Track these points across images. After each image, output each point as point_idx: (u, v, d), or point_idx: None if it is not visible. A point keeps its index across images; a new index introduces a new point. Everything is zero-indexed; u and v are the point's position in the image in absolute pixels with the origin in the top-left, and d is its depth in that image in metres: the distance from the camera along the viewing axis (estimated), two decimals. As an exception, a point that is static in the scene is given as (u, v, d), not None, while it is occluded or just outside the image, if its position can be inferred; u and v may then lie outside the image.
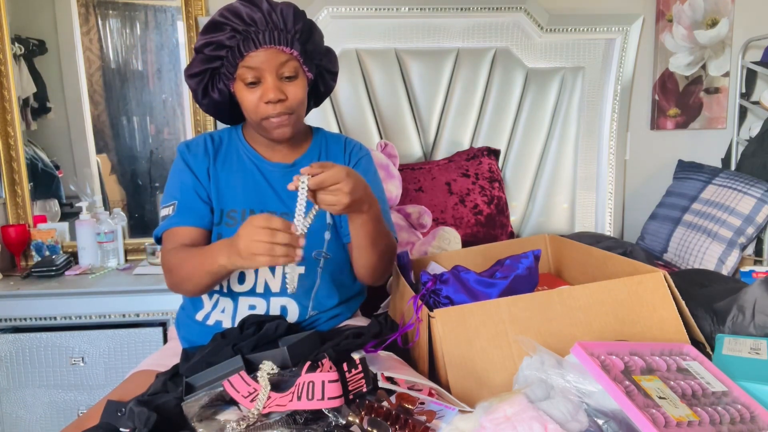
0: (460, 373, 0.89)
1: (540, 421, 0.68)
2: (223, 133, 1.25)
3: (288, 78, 1.11)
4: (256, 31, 1.07)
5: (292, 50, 1.09)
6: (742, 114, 2.37)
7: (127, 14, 2.24)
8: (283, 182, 1.19)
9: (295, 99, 1.11)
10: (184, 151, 1.21)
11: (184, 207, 1.15)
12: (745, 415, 0.77)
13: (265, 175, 1.20)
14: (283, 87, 1.10)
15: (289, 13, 1.10)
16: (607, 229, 2.32)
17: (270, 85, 1.08)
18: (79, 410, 1.84)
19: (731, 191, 2.00)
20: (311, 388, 0.76)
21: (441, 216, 1.96)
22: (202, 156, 1.19)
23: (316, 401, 0.75)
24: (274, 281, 1.15)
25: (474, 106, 2.18)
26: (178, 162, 1.20)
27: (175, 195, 1.17)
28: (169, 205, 1.16)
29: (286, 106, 1.10)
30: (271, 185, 1.19)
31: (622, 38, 2.20)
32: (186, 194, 1.16)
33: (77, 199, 2.19)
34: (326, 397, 0.75)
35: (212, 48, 1.09)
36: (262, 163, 1.20)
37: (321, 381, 0.76)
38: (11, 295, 1.82)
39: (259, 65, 1.08)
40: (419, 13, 2.13)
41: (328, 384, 0.76)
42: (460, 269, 1.07)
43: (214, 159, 1.20)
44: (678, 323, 0.96)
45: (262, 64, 1.08)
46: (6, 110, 2.10)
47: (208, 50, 1.09)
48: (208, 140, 1.22)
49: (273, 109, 1.10)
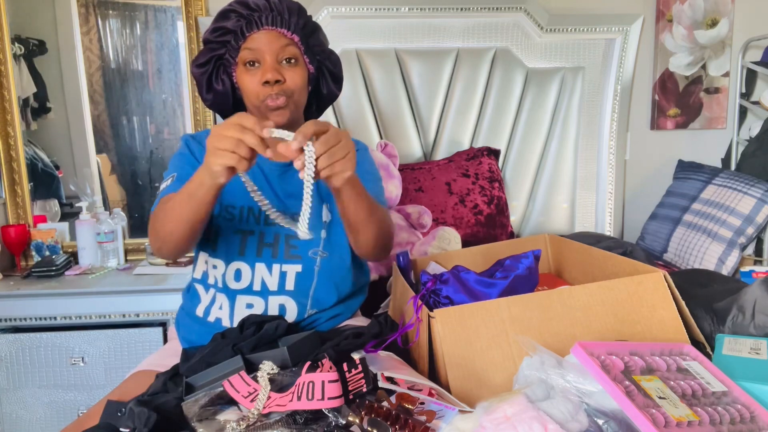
0: (460, 373, 0.89)
1: (540, 421, 0.68)
2: None
3: (287, 61, 1.12)
4: (259, 15, 1.10)
5: (293, 35, 1.12)
6: (742, 114, 2.37)
7: (127, 14, 2.24)
8: (280, 182, 1.20)
9: (293, 82, 1.12)
10: (189, 139, 1.23)
11: (181, 177, 1.12)
12: (745, 415, 0.77)
13: (266, 173, 1.20)
14: (282, 70, 1.11)
15: (294, 6, 1.13)
16: (607, 229, 2.32)
17: (269, 66, 1.10)
18: (79, 410, 1.84)
19: (731, 191, 2.00)
20: (311, 388, 0.76)
21: (441, 216, 1.96)
22: (205, 146, 1.20)
23: (316, 401, 0.75)
24: (270, 279, 1.15)
25: (474, 106, 2.18)
26: (181, 148, 1.22)
27: (175, 170, 1.17)
28: (168, 178, 1.16)
29: (283, 88, 1.11)
30: (270, 184, 1.20)
31: (622, 38, 2.20)
32: (185, 169, 1.14)
33: (77, 199, 2.19)
34: (326, 397, 0.75)
35: (218, 34, 1.12)
36: (263, 162, 1.20)
37: (321, 381, 0.76)
38: (11, 295, 1.82)
39: (259, 46, 1.10)
40: (419, 13, 2.13)
41: (328, 384, 0.76)
42: (460, 269, 1.07)
43: None
44: (678, 323, 0.95)
45: (262, 45, 1.10)
46: (6, 110, 2.10)
47: (214, 36, 1.13)
48: None
49: (271, 90, 1.10)
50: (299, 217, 0.87)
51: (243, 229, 1.16)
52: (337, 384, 0.77)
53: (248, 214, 1.17)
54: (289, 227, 0.92)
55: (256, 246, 1.15)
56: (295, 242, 1.16)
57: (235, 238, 1.16)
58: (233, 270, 1.16)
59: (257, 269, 1.15)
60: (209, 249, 1.18)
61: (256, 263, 1.15)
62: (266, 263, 1.15)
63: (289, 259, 1.16)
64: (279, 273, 1.15)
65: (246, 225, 1.16)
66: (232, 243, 1.16)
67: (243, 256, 1.15)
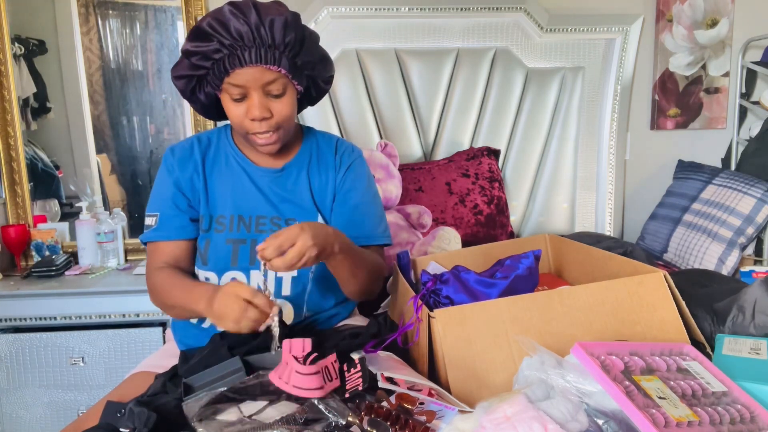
0: (459, 374, 0.89)
1: (540, 421, 0.68)
2: (212, 134, 1.23)
3: (275, 96, 1.07)
4: (242, 47, 1.01)
5: (279, 68, 1.04)
6: (742, 114, 2.37)
7: (127, 14, 2.24)
8: (272, 187, 1.18)
9: (281, 116, 1.08)
10: (168, 157, 1.18)
11: (165, 220, 1.15)
12: (745, 415, 0.77)
13: (254, 180, 1.18)
14: (270, 104, 1.06)
15: (279, 26, 1.02)
16: (607, 229, 2.32)
17: (255, 102, 1.05)
18: (79, 410, 1.84)
19: (731, 191, 2.00)
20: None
21: (441, 216, 1.96)
22: (188, 161, 1.17)
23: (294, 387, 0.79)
24: (267, 285, 1.14)
25: (474, 106, 2.18)
26: (161, 169, 1.18)
27: (157, 205, 1.17)
28: (152, 215, 1.17)
29: (271, 124, 1.07)
30: (260, 190, 1.17)
31: (622, 38, 2.20)
32: (166, 207, 1.16)
33: (77, 199, 2.19)
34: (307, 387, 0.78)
35: (198, 58, 1.04)
36: (251, 168, 1.18)
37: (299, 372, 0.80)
38: (11, 295, 1.82)
39: (244, 83, 1.04)
40: (419, 13, 2.13)
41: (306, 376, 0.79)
42: (460, 269, 1.07)
43: (202, 163, 1.17)
44: (678, 323, 0.95)
45: (247, 82, 1.03)
46: (6, 110, 2.10)
47: (194, 59, 1.05)
48: (196, 144, 1.19)
49: (259, 126, 1.07)
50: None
51: (234, 239, 1.14)
52: (317, 377, 0.80)
53: (239, 222, 1.15)
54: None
55: (248, 254, 1.14)
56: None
57: (226, 248, 1.14)
58: (228, 279, 1.14)
59: (252, 277, 1.14)
60: (199, 262, 1.17)
61: (251, 271, 1.14)
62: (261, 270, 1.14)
63: None
64: (275, 279, 1.15)
65: (237, 234, 1.14)
66: (224, 254, 1.14)
67: (235, 265, 1.14)
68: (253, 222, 1.15)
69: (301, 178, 1.19)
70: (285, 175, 1.19)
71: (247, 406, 0.82)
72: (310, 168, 1.21)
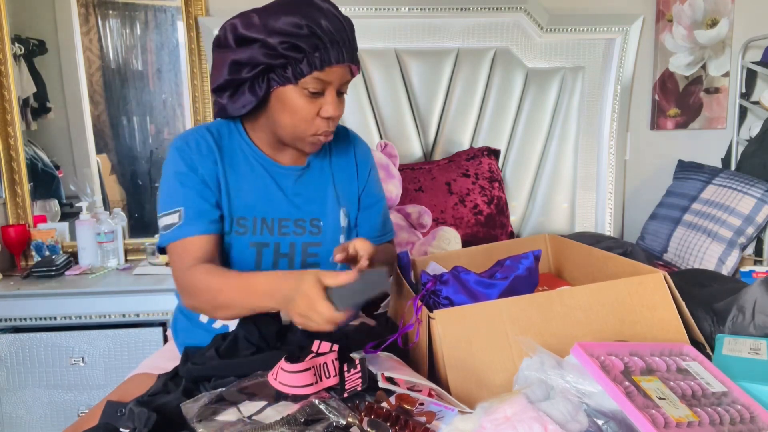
0: (459, 374, 0.89)
1: (540, 422, 0.68)
2: (220, 126, 1.13)
3: (340, 94, 1.06)
4: (338, 47, 0.99)
5: (359, 69, 1.06)
6: (742, 114, 2.37)
7: (127, 14, 2.24)
8: (295, 187, 1.13)
9: (341, 114, 1.08)
10: (183, 147, 1.07)
11: (193, 213, 1.04)
12: (745, 416, 0.77)
13: (277, 180, 1.12)
14: (338, 103, 1.05)
15: (353, 27, 1.03)
16: (607, 229, 2.32)
17: (333, 100, 1.03)
18: (79, 410, 1.84)
19: (731, 191, 2.00)
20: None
21: (441, 216, 1.96)
22: (206, 153, 1.08)
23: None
24: None
25: (474, 106, 2.18)
26: (175, 162, 1.06)
27: (178, 200, 1.04)
28: (173, 212, 1.04)
29: (335, 123, 1.07)
30: (282, 190, 1.12)
31: (622, 38, 2.20)
32: (192, 198, 1.04)
33: (77, 199, 2.19)
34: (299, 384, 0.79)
35: (286, 46, 0.97)
36: (273, 168, 1.12)
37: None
38: (11, 295, 1.82)
39: (330, 80, 1.01)
40: (419, 13, 2.13)
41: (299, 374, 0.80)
42: (460, 270, 1.07)
43: (220, 158, 1.09)
44: (678, 323, 0.95)
45: (333, 79, 1.01)
46: (6, 110, 2.10)
47: (282, 48, 0.97)
48: (207, 135, 1.10)
49: (327, 125, 1.05)
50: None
51: (258, 242, 1.10)
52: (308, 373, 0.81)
53: (261, 225, 1.10)
54: None
55: (272, 257, 1.10)
56: (315, 250, 1.13)
57: (250, 251, 1.09)
58: None
59: None
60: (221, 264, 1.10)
61: None
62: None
63: (308, 267, 1.12)
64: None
65: (260, 237, 1.10)
66: (247, 257, 1.09)
67: (259, 269, 1.10)
68: (276, 225, 1.11)
69: (324, 171, 1.18)
70: (311, 172, 1.16)
71: (246, 407, 0.82)
72: (332, 158, 1.20)
